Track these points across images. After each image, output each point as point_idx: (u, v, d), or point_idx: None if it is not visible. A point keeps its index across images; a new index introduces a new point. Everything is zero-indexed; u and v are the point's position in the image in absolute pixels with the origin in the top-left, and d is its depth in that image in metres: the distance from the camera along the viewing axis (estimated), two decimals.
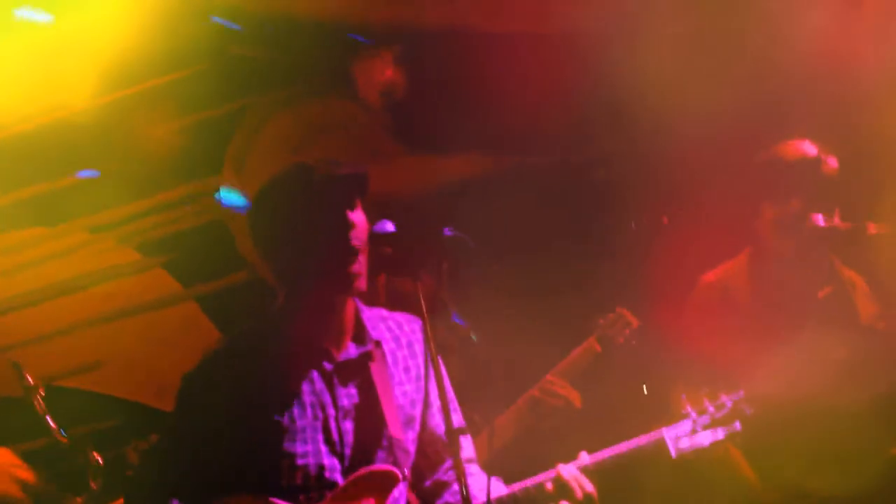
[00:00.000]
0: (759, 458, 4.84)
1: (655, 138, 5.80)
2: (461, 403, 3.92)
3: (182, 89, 6.00)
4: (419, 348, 3.86)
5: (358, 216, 3.64)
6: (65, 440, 4.97)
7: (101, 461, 5.08)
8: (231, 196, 3.83)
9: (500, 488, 3.87)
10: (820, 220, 4.96)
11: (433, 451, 3.90)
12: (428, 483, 3.95)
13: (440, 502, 3.95)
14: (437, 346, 3.67)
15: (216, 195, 4.81)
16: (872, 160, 5.51)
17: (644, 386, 5.38)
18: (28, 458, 5.98)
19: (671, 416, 4.12)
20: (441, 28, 5.92)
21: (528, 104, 5.68)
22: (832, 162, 5.02)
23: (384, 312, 3.89)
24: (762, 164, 5.10)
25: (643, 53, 5.45)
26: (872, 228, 4.93)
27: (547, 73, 5.57)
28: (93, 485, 5.08)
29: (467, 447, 3.92)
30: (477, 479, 3.90)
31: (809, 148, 5.03)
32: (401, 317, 3.91)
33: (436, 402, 3.83)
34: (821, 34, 5.44)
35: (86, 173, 6.09)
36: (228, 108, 5.93)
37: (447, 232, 3.59)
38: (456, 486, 3.84)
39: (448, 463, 3.91)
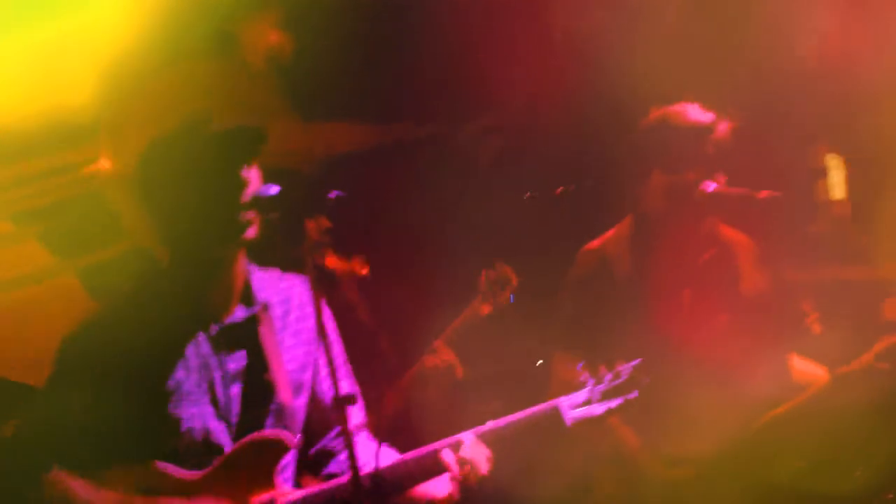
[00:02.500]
0: (760, 457, 4.81)
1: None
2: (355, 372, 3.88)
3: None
4: (309, 311, 3.79)
5: (252, 174, 3.55)
6: None
7: None
8: (105, 166, 3.70)
9: (390, 457, 3.79)
10: (710, 186, 4.92)
11: (320, 419, 3.83)
12: (313, 451, 3.88)
13: (325, 471, 3.89)
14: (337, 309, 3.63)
15: (91, 164, 4.64)
16: (872, 160, 5.55)
17: (539, 361, 5.34)
18: None
19: (567, 387, 4.09)
20: None
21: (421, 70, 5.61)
22: (723, 127, 4.98)
23: (277, 273, 3.80)
24: (652, 129, 5.04)
25: (641, 52, 5.40)
26: (763, 194, 4.89)
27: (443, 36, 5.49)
28: None
29: (357, 414, 3.86)
30: (366, 448, 3.83)
31: (703, 114, 4.98)
32: (294, 278, 3.82)
33: (325, 368, 3.77)
34: (821, 34, 5.46)
35: None
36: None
37: (332, 195, 3.49)
38: (342, 456, 3.85)
39: (334, 431, 3.86)
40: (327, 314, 3.77)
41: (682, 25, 5.70)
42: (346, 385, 3.77)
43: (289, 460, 3.74)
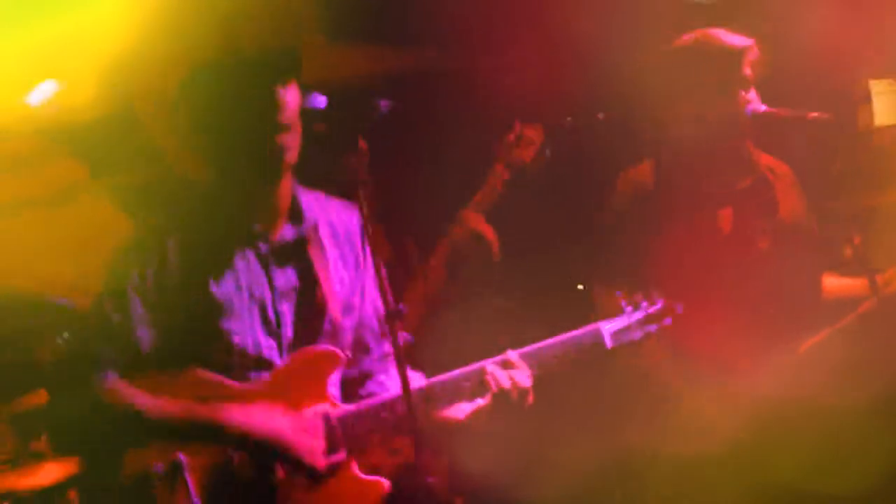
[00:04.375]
0: (760, 457, 4.81)
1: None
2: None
3: None
4: (355, 236, 3.84)
5: (290, 94, 3.57)
6: None
7: None
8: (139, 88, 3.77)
9: (421, 379, 3.87)
10: (760, 107, 4.86)
11: (360, 340, 3.90)
12: (353, 371, 3.93)
13: (363, 391, 3.95)
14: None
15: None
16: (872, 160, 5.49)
17: (580, 286, 5.31)
18: None
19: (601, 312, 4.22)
20: None
21: None
22: (756, 49, 4.92)
23: (321, 196, 3.85)
24: (687, 51, 4.95)
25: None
26: (811, 115, 4.82)
27: None
28: None
29: (402, 337, 3.85)
30: (393, 371, 3.87)
31: (738, 37, 4.91)
32: (338, 203, 3.87)
33: (371, 293, 3.85)
34: (821, 34, 5.39)
35: None
36: None
37: (384, 104, 3.49)
38: (380, 376, 3.94)
39: (375, 354, 3.94)
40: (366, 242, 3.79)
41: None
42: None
43: (338, 376, 3.83)
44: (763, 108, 4.85)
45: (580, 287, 5.34)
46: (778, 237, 4.97)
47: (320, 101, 3.49)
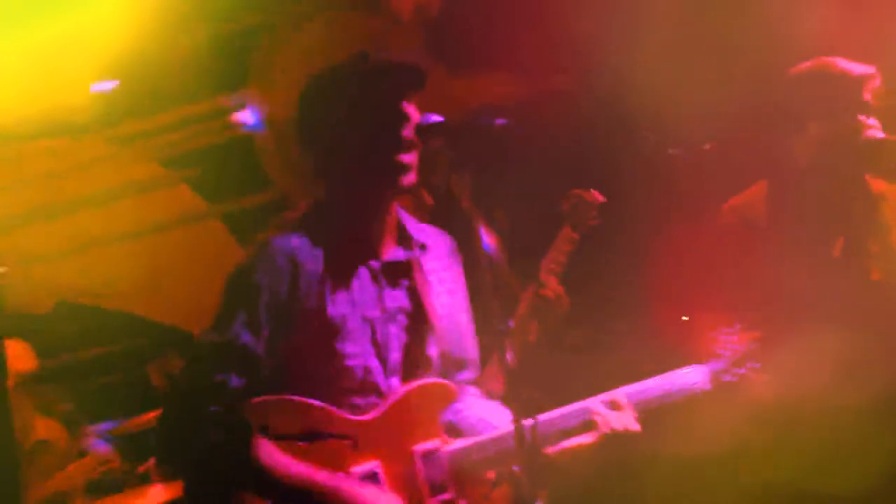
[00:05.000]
0: (760, 457, 4.76)
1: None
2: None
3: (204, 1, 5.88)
4: (449, 263, 3.75)
5: (412, 110, 3.49)
6: None
7: None
8: (254, 112, 3.72)
9: (508, 415, 3.74)
10: (878, 133, 4.83)
11: (444, 369, 3.75)
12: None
13: (449, 428, 3.75)
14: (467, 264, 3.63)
15: (239, 112, 4.70)
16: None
17: (684, 317, 5.26)
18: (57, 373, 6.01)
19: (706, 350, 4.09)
20: None
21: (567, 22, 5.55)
22: (878, 76, 4.90)
23: (417, 223, 3.76)
24: (807, 78, 4.94)
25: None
26: None
27: None
28: None
29: (471, 370, 3.82)
30: (480, 403, 3.80)
31: (857, 64, 4.90)
32: (431, 229, 3.79)
33: (457, 319, 3.74)
34: (821, 34, 5.33)
35: (106, 84, 5.96)
36: (255, 21, 5.82)
37: (499, 121, 3.45)
38: (457, 406, 3.75)
39: (454, 382, 3.74)
40: (460, 268, 3.77)
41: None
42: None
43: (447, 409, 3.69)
44: (881, 135, 4.82)
45: (685, 318, 5.30)
46: (890, 263, 4.91)
47: (436, 118, 3.46)
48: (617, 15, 5.48)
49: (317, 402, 3.48)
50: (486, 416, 3.75)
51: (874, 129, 4.80)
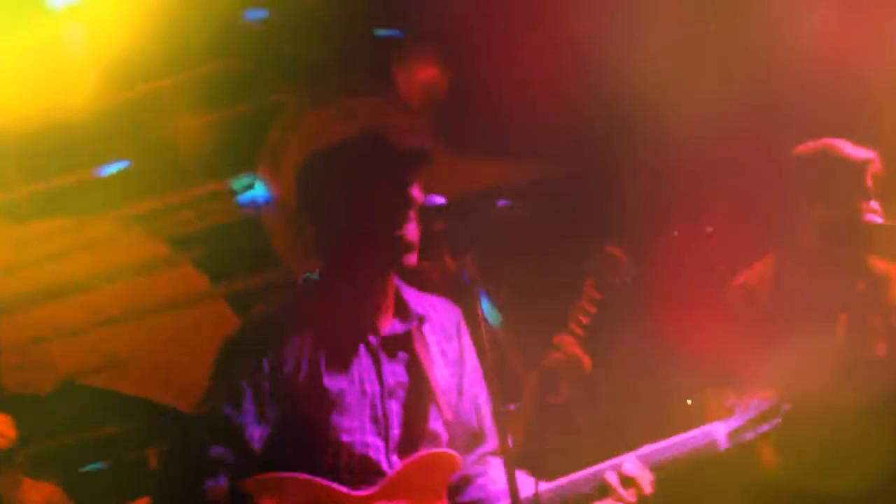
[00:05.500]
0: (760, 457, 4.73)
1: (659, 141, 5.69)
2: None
3: (216, 82, 5.94)
4: (454, 333, 3.69)
5: (416, 191, 3.47)
6: None
7: None
8: (261, 192, 3.71)
9: (533, 484, 3.58)
10: (877, 218, 4.85)
11: (457, 440, 3.67)
12: (452, 477, 3.68)
13: (463, 497, 3.73)
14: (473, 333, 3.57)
15: (245, 193, 4.74)
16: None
17: (689, 400, 5.25)
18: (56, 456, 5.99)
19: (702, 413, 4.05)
20: (483, 26, 5.84)
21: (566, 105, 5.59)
22: (878, 161, 4.94)
23: (418, 293, 3.71)
24: (810, 160, 4.98)
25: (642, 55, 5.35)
26: None
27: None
28: None
29: (491, 440, 3.74)
30: (501, 473, 3.60)
31: (860, 149, 4.93)
32: (434, 299, 3.73)
33: (469, 391, 3.68)
34: (821, 34, 5.37)
35: (115, 165, 6.01)
36: (263, 103, 5.87)
37: (500, 203, 3.46)
38: (480, 479, 3.71)
39: (474, 455, 3.71)
40: (469, 338, 3.75)
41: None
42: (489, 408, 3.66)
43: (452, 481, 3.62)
44: (880, 220, 4.85)
45: (689, 402, 5.28)
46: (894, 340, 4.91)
47: (439, 199, 3.48)
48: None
49: (316, 479, 3.44)
50: (504, 488, 3.66)
51: (875, 213, 4.84)
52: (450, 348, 3.69)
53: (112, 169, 6.01)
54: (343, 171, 3.49)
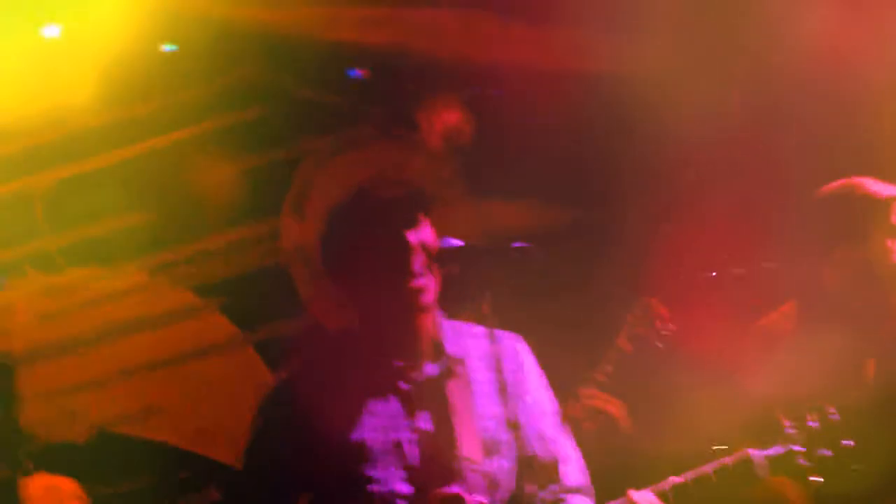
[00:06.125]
0: None
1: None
2: None
3: (241, 132, 5.99)
4: (511, 366, 3.68)
5: (421, 234, 3.53)
6: None
7: None
8: (287, 239, 3.77)
9: None
10: None
11: (526, 475, 3.64)
12: None
13: None
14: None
15: (273, 239, 4.77)
16: (872, 160, 5.41)
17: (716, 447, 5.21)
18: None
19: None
20: (507, 70, 5.87)
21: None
22: None
23: (473, 327, 3.72)
24: (834, 200, 4.94)
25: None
26: None
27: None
28: None
29: (574, 473, 3.75)
30: None
31: (883, 185, 4.90)
32: (483, 331, 3.68)
33: (531, 424, 3.68)
34: (821, 34, 5.37)
35: (140, 214, 6.06)
36: (287, 151, 5.91)
37: (515, 245, 3.48)
38: None
39: (553, 487, 3.70)
40: (532, 370, 3.75)
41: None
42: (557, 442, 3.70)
43: None
44: None
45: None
46: None
47: (455, 242, 3.52)
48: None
49: None
50: None
51: None
52: (501, 382, 3.63)
53: (138, 218, 6.06)
54: (348, 225, 3.55)
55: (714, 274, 5.77)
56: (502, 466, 3.61)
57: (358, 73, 6.12)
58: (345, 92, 6.05)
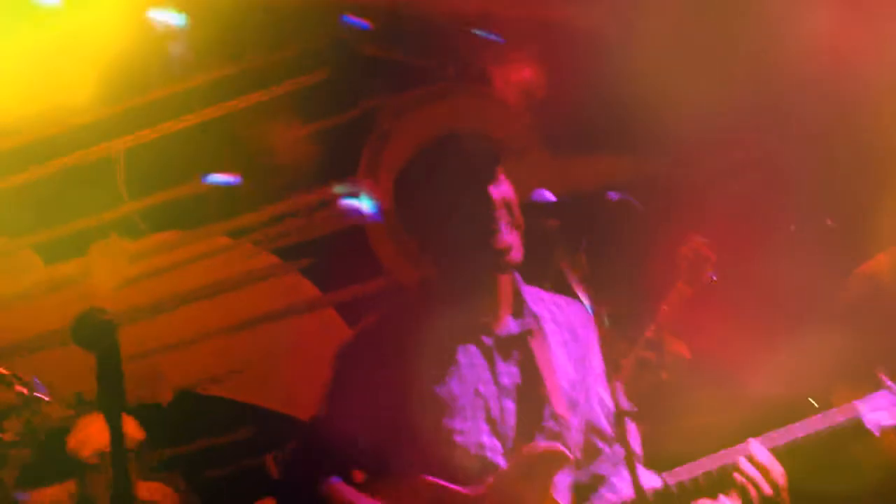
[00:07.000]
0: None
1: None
2: None
3: (315, 92, 6.01)
4: (581, 332, 3.66)
5: (502, 190, 3.48)
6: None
7: None
8: (364, 200, 3.74)
9: (657, 477, 3.54)
10: None
11: (589, 442, 3.66)
12: (583, 475, 3.68)
13: (596, 497, 3.69)
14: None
15: (349, 200, 4.78)
16: (872, 160, 5.33)
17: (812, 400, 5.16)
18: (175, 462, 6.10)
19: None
20: (577, 25, 5.84)
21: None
22: None
23: (542, 292, 3.70)
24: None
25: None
26: None
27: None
28: None
29: (635, 437, 3.67)
30: (628, 473, 3.51)
31: None
32: (560, 298, 3.70)
33: (597, 392, 3.65)
34: (821, 34, 5.28)
35: (222, 178, 6.10)
36: (361, 110, 5.93)
37: (612, 196, 3.44)
38: (613, 480, 3.67)
39: (606, 456, 3.69)
40: (595, 337, 3.72)
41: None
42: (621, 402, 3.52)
43: (564, 477, 3.57)
44: None
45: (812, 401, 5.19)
46: None
47: (548, 196, 3.47)
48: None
49: (429, 478, 3.48)
50: (628, 486, 3.54)
51: None
52: (575, 347, 3.67)
53: (218, 181, 6.10)
54: (430, 177, 3.53)
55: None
56: (578, 425, 3.63)
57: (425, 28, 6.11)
58: (414, 49, 6.04)
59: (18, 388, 4.99)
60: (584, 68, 5.73)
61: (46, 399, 5.03)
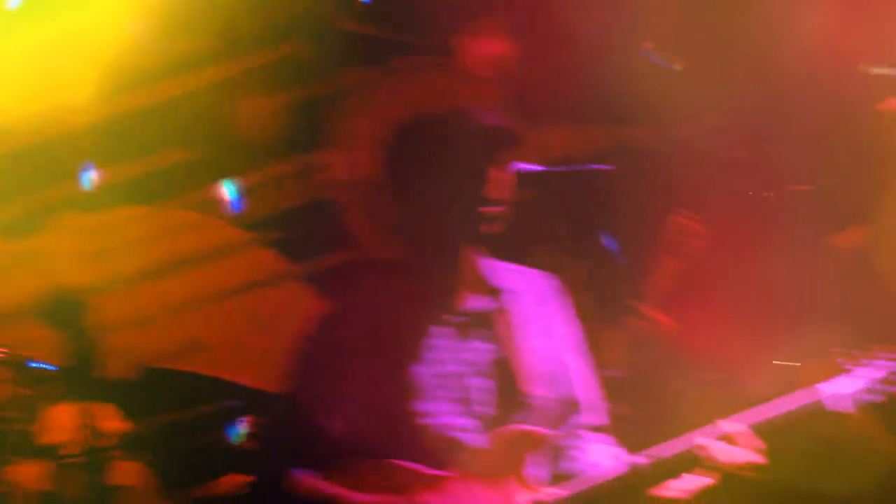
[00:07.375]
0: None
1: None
2: None
3: (285, 65, 5.96)
4: (553, 305, 3.72)
5: (502, 173, 3.54)
6: None
7: None
8: (336, 172, 3.76)
9: (625, 456, 3.66)
10: None
11: (563, 415, 3.72)
12: (558, 452, 3.73)
13: (555, 470, 3.72)
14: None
15: (321, 172, 4.78)
16: (872, 160, 5.34)
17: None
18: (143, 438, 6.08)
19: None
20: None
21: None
22: None
23: (513, 266, 3.75)
24: None
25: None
26: None
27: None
28: None
29: (610, 410, 3.80)
30: (599, 447, 3.75)
31: None
32: (527, 270, 3.76)
33: (563, 361, 3.70)
34: (821, 34, 5.31)
35: (182, 151, 6.06)
36: (332, 84, 5.89)
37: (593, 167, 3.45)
38: (573, 453, 3.72)
39: (567, 426, 3.74)
40: (561, 307, 3.73)
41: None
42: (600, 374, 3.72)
43: (537, 456, 3.63)
44: None
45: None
46: None
47: (530, 167, 3.49)
48: None
49: (396, 462, 3.48)
50: (600, 460, 3.69)
51: None
52: (544, 319, 3.68)
53: (181, 155, 6.05)
54: (431, 146, 3.51)
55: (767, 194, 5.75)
56: (550, 399, 3.63)
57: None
58: (385, 23, 6.00)
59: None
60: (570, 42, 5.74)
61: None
